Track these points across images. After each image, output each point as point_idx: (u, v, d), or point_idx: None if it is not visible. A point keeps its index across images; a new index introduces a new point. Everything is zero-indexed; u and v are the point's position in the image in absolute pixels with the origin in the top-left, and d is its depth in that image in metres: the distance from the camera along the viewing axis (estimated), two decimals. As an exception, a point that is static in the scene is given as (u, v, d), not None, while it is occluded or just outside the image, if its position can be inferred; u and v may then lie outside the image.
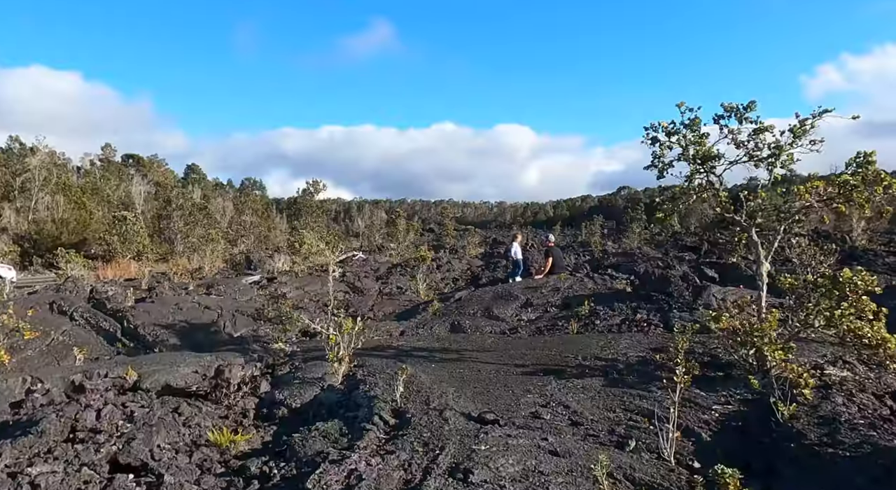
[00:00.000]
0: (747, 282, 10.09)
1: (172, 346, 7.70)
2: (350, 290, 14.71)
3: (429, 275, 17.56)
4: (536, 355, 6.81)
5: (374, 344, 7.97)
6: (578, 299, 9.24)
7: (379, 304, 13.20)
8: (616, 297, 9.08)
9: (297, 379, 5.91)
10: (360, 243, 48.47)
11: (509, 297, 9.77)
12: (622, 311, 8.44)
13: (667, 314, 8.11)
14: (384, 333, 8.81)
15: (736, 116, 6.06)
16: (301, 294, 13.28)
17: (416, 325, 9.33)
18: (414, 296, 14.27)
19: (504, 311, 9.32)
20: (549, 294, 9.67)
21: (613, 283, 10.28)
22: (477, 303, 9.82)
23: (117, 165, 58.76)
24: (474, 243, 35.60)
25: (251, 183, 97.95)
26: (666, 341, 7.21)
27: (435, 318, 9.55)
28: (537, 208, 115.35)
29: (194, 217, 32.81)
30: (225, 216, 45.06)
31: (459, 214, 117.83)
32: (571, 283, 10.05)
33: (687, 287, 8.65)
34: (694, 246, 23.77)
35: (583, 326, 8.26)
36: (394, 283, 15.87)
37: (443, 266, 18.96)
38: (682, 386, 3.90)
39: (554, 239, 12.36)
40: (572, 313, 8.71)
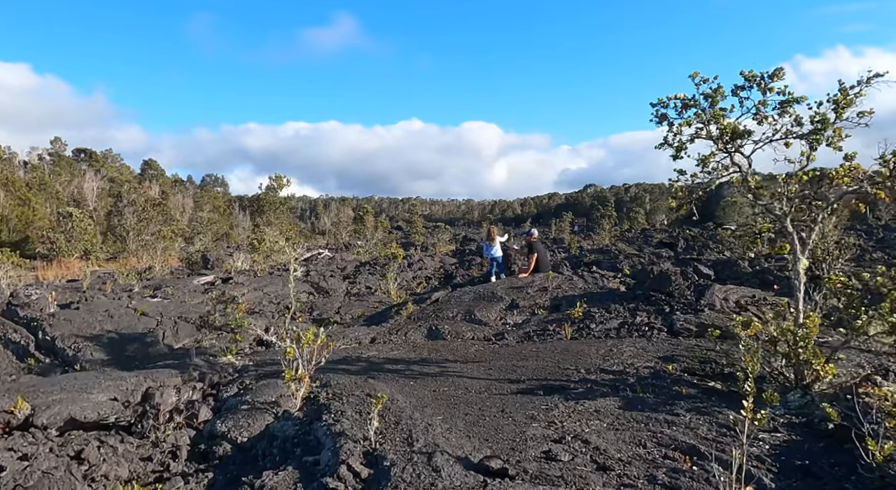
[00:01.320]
0: (745, 279, 9.41)
1: (97, 361, 6.45)
2: (315, 290, 13.53)
3: (400, 273, 16.50)
4: (531, 367, 5.87)
5: (341, 354, 6.90)
6: (569, 300, 8.36)
7: (346, 306, 12.08)
8: (610, 298, 8.22)
9: (245, 403, 4.81)
10: (326, 241, 47.10)
11: (492, 298, 8.81)
12: (619, 313, 7.59)
13: (669, 316, 7.28)
14: (352, 341, 7.74)
15: (759, 87, 5.22)
16: (259, 296, 12.04)
17: (389, 330, 8.28)
18: (384, 296, 13.20)
19: (487, 314, 8.36)
20: (536, 295, 8.75)
21: (605, 281, 9.45)
22: (456, 305, 8.83)
23: (68, 160, 55.69)
24: (445, 240, 34.65)
25: (213, 179, 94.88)
26: (674, 348, 6.38)
27: (410, 323, 8.52)
28: (505, 206, 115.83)
29: (148, 213, 30.90)
30: (185, 213, 42.97)
31: (428, 212, 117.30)
32: (560, 282, 9.16)
33: (688, 286, 7.86)
34: (670, 242, 23.36)
35: (577, 331, 7.37)
36: (362, 283, 14.75)
37: (414, 264, 17.90)
38: (749, 424, 2.96)
39: (537, 234, 11.43)
40: (564, 316, 7.81)
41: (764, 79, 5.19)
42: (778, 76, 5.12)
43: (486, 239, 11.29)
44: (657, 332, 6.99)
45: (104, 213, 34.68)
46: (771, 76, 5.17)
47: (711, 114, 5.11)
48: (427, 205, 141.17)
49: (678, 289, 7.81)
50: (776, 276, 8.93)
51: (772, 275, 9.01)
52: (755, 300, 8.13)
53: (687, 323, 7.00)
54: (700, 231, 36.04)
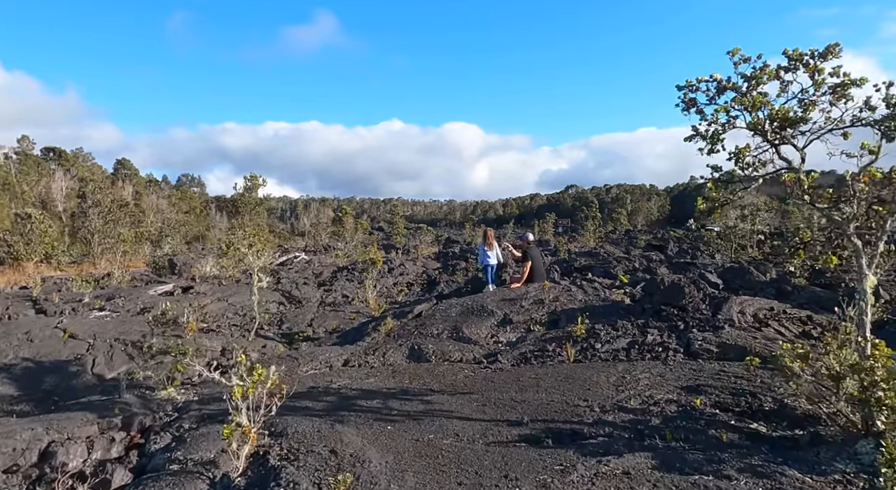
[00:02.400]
0: (760, 289, 8.58)
1: (3, 400, 5.31)
2: (286, 299, 12.43)
3: (380, 279, 15.46)
4: (532, 402, 4.91)
5: (307, 384, 5.87)
6: (569, 315, 7.43)
7: (320, 318, 11.02)
8: (615, 312, 7.31)
9: (176, 462, 3.76)
10: (304, 243, 45.75)
11: (482, 312, 7.84)
12: (627, 331, 6.67)
13: (684, 334, 6.39)
14: (322, 365, 6.70)
15: (807, 69, 4.33)
16: (223, 307, 10.91)
17: (366, 350, 7.26)
18: (362, 306, 12.16)
19: (477, 331, 7.39)
20: (531, 308, 7.81)
21: (608, 292, 8.54)
22: (442, 320, 7.84)
23: (36, 159, 53.45)
24: (427, 242, 33.66)
25: (189, 179, 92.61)
26: (696, 375, 5.47)
27: (389, 341, 7.51)
28: (487, 206, 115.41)
29: (114, 215, 29.34)
30: (159, 214, 41.28)
31: (409, 213, 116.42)
32: (557, 293, 8.23)
33: (703, 298, 6.98)
34: (659, 244, 22.67)
35: (580, 352, 6.43)
36: (339, 291, 13.69)
37: (395, 269, 16.87)
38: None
39: (532, 238, 10.51)
40: (564, 334, 6.87)
41: (814, 58, 4.30)
42: (832, 53, 4.23)
43: (483, 243, 10.23)
44: (673, 353, 6.08)
45: (72, 214, 33.03)
46: (822, 54, 4.28)
47: (753, 99, 4.20)
48: (409, 206, 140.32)
49: (692, 302, 6.93)
50: (794, 287, 8.11)
51: (789, 284, 8.19)
52: (775, 313, 7.29)
53: (706, 343, 6.12)
54: (685, 232, 35.65)
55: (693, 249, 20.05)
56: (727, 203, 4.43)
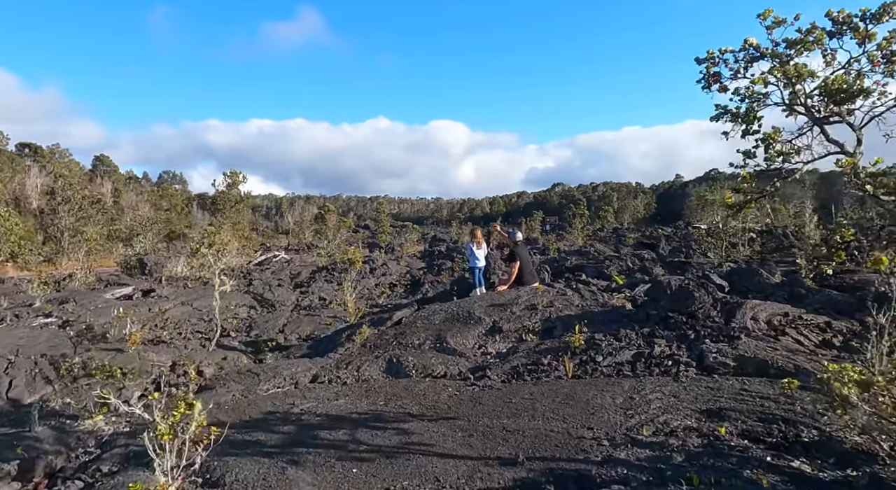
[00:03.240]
0: (770, 292, 7.91)
1: None
2: (257, 303, 11.56)
3: (360, 280, 14.63)
4: (528, 431, 4.14)
5: (265, 406, 5.05)
6: (565, 322, 6.68)
7: (294, 323, 10.18)
8: (617, 319, 6.58)
9: (78, 524, 2.93)
10: (287, 241, 44.71)
11: (469, 319, 7.06)
12: (632, 341, 5.94)
13: (696, 346, 5.67)
14: (287, 381, 5.88)
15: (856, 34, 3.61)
16: (186, 312, 10.02)
17: (338, 363, 6.46)
18: (340, 310, 11.33)
19: (463, 341, 6.61)
20: (522, 315, 7.05)
21: (606, 296, 7.81)
22: (424, 328, 7.05)
23: (10, 155, 51.68)
24: (412, 240, 32.85)
25: (171, 176, 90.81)
26: (714, 394, 4.75)
27: (364, 353, 6.71)
28: (474, 204, 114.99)
29: (85, 212, 28.14)
30: (130, 211, 39.94)
31: (396, 210, 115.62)
32: (551, 298, 7.48)
33: (714, 304, 6.27)
34: (650, 243, 22.09)
35: (580, 366, 5.69)
36: (315, 293, 12.84)
37: (377, 269, 16.04)
38: None
39: (521, 236, 9.47)
40: (561, 344, 6.12)
41: (864, 20, 3.58)
42: (889, 13, 3.51)
43: (471, 242, 9.38)
44: (684, 367, 5.36)
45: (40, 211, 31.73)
46: (875, 16, 3.56)
47: (796, 68, 3.47)
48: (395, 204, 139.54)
49: (702, 308, 6.22)
50: (808, 289, 7.44)
51: (802, 286, 7.52)
52: (791, 320, 6.61)
53: (722, 355, 5.40)
54: (673, 230, 35.21)
55: (686, 248, 19.48)
56: (762, 196, 3.69)
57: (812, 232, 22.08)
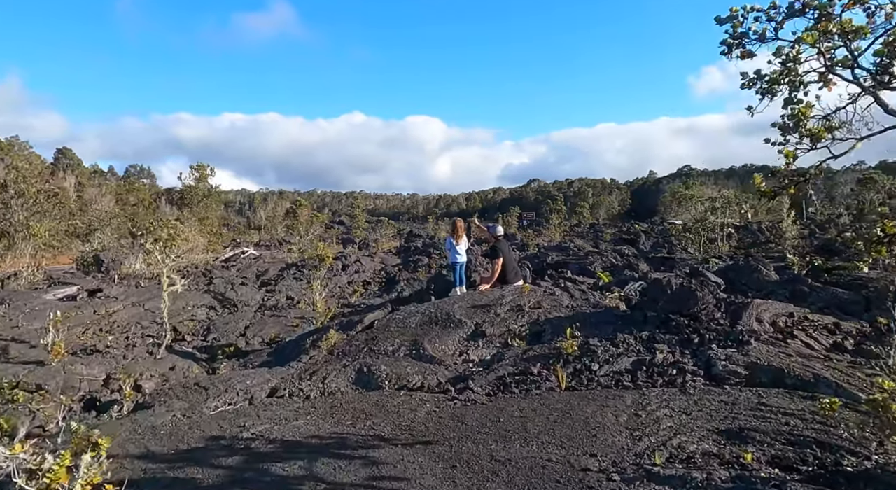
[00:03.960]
0: (771, 291, 7.42)
1: None
2: (218, 303, 10.69)
3: (332, 278, 13.83)
4: (520, 461, 3.49)
5: (210, 429, 4.29)
6: (555, 325, 6.06)
7: (257, 325, 9.38)
8: (611, 321, 5.98)
9: None
10: (259, 237, 43.56)
11: (448, 322, 6.38)
12: (630, 347, 5.34)
13: (702, 352, 5.10)
14: (241, 397, 5.12)
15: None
16: (136, 314, 9.13)
17: (301, 373, 5.72)
18: (309, 310, 10.55)
19: (442, 347, 5.94)
20: (508, 316, 6.40)
21: (596, 296, 7.21)
22: (398, 332, 6.35)
23: (-37, 147, 49.14)
24: (388, 236, 32.04)
25: (138, 170, 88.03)
26: (729, 410, 4.16)
27: (332, 361, 5.99)
28: (450, 200, 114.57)
29: (41, 206, 26.61)
30: (89, 205, 38.24)
31: (371, 206, 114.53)
32: (538, 298, 6.85)
33: (717, 305, 5.72)
34: (631, 238, 21.73)
35: (574, 376, 5.06)
36: (283, 292, 12.01)
37: (350, 266, 15.26)
38: None
39: (502, 230, 8.64)
40: (552, 351, 5.49)
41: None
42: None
43: (451, 236, 8.50)
44: (691, 377, 4.78)
45: (-4, 206, 29.97)
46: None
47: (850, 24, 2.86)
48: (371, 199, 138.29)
49: (705, 309, 5.65)
50: (812, 287, 6.96)
51: (805, 284, 7.04)
52: (797, 321, 6.10)
53: (732, 363, 4.83)
54: (650, 226, 35.11)
55: (668, 244, 19.14)
56: (804, 180, 3.09)
57: (789, 227, 21.99)
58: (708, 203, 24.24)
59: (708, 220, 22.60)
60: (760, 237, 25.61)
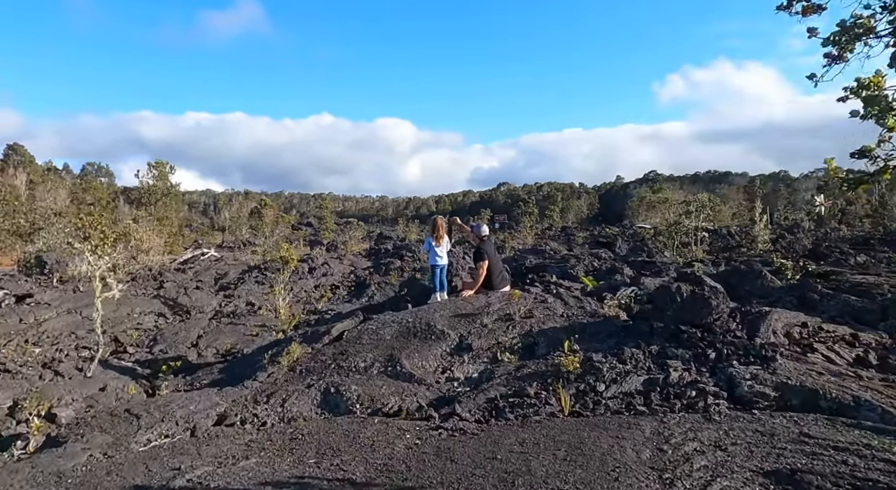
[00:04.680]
0: (777, 298, 6.89)
1: None
2: (169, 309, 9.66)
3: (297, 282, 12.90)
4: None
5: (134, 474, 3.42)
6: (550, 337, 5.35)
7: (211, 334, 8.43)
8: (613, 333, 5.30)
9: None
10: (221, 239, 42.14)
11: (429, 333, 5.61)
12: (639, 364, 4.67)
13: (721, 369, 4.47)
14: (180, 427, 4.24)
15: None
16: (73, 322, 8.07)
17: (256, 395, 4.87)
18: (271, 316, 9.64)
19: (422, 363, 5.17)
20: (496, 327, 5.67)
21: (592, 303, 6.52)
22: (371, 345, 5.54)
23: None
24: (357, 238, 31.01)
25: (95, 169, 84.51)
26: (770, 443, 3.51)
27: (293, 380, 5.15)
28: (420, 203, 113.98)
29: (-19, 204, 24.74)
30: (56, 205, 36.15)
31: (340, 208, 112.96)
32: (529, 305, 6.14)
33: (732, 314, 5.11)
34: (607, 241, 21.34)
35: (577, 397, 4.36)
36: (243, 297, 11.04)
37: (317, 269, 14.32)
38: None
39: (486, 231, 7.77)
40: (549, 367, 4.78)
41: None
42: None
43: (431, 236, 7.56)
44: (713, 400, 4.13)
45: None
46: None
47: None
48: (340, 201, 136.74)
49: (719, 319, 5.03)
50: (821, 294, 6.44)
51: (815, 291, 6.52)
52: (812, 332, 5.55)
53: (759, 383, 4.21)
54: (621, 230, 35.04)
55: (647, 247, 18.79)
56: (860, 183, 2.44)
57: (762, 231, 21.98)
58: (682, 206, 24.13)
59: (682, 223, 22.46)
60: (731, 241, 25.69)
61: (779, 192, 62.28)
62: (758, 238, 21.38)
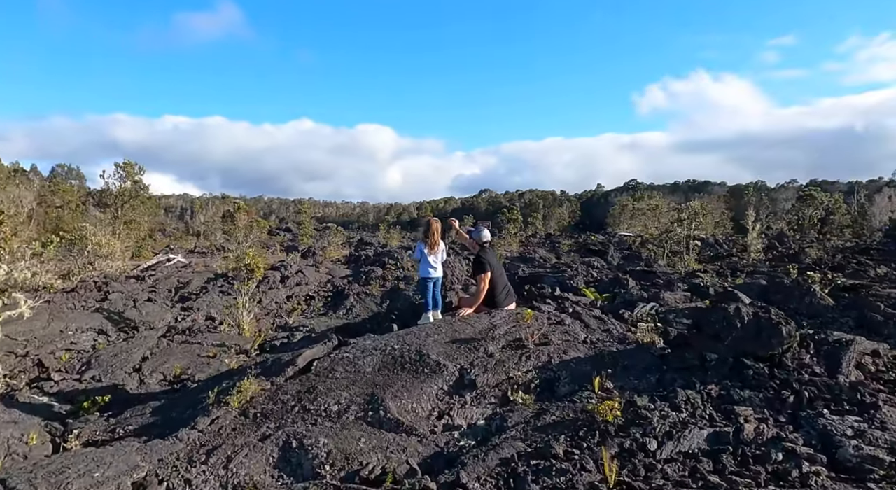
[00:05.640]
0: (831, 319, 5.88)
1: None
2: (114, 324, 8.35)
3: (268, 291, 11.65)
4: None
5: None
6: (574, 371, 4.23)
7: (159, 356, 7.15)
8: (653, 366, 4.21)
9: None
10: (194, 244, 40.59)
11: (421, 364, 4.44)
12: (696, 409, 3.59)
13: (806, 419, 3.41)
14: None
15: None
16: (-14, 343, 6.72)
17: (191, 452, 3.66)
18: (233, 333, 8.39)
19: (413, 405, 4.01)
20: (505, 357, 4.53)
21: (619, 326, 5.40)
22: (348, 380, 4.35)
23: None
24: (336, 244, 29.66)
25: (66, 170, 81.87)
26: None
27: (245, 428, 3.95)
28: (401, 209, 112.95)
29: (-72, 204, 22.90)
30: (22, 207, 34.09)
31: (321, 214, 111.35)
32: (543, 328, 5.02)
33: (804, 344, 4.06)
34: (599, 249, 20.41)
35: (623, 459, 3.25)
36: (204, 309, 9.75)
37: (291, 277, 13.05)
38: None
39: (489, 235, 6.47)
40: (578, 413, 3.66)
41: None
42: None
43: (423, 241, 6.21)
44: (809, 466, 3.05)
45: None
46: None
47: None
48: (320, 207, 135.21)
49: (790, 350, 3.98)
50: (885, 314, 5.44)
51: (877, 311, 5.53)
52: (890, 362, 4.53)
53: (867, 442, 3.15)
54: (606, 237, 34.31)
55: (641, 256, 17.90)
56: None
57: (754, 240, 21.29)
58: (674, 214, 23.36)
59: (675, 231, 21.71)
60: (720, 250, 25.04)
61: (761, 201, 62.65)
62: (750, 247, 20.72)
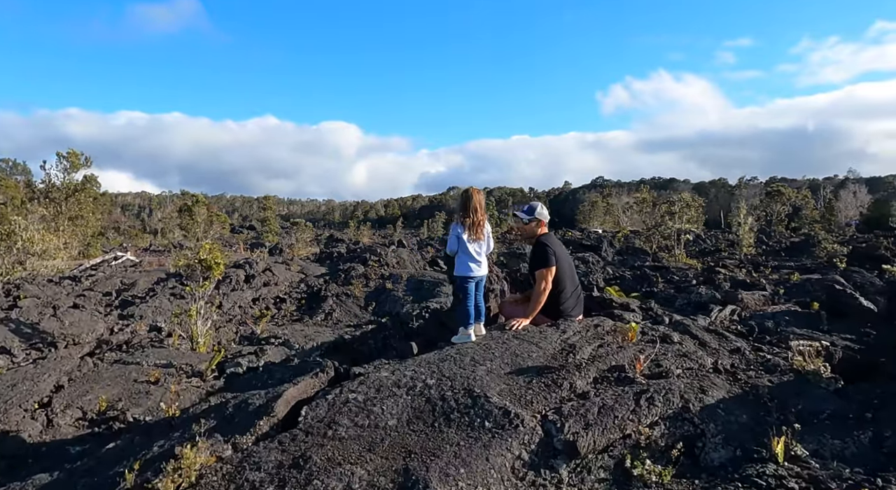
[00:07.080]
0: None
1: None
2: (23, 340, 6.41)
3: (230, 293, 9.80)
4: None
5: None
6: (724, 421, 2.65)
7: (79, 383, 5.32)
8: (839, 411, 2.69)
9: None
10: (149, 241, 38.08)
11: (475, 414, 2.75)
12: None
13: None
14: None
15: None
16: None
17: None
18: (182, 348, 6.58)
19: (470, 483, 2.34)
20: (610, 400, 2.90)
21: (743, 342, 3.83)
22: (361, 444, 2.67)
23: None
24: (305, 240, 27.63)
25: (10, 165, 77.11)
26: None
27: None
28: (368, 207, 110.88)
29: None
30: None
31: (286, 211, 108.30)
32: (648, 351, 3.39)
33: None
34: (592, 245, 19.14)
35: None
36: (148, 317, 7.86)
37: (257, 276, 11.18)
38: None
39: (547, 214, 4.63)
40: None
41: None
42: None
43: (459, 223, 4.26)
44: None
45: None
46: None
47: None
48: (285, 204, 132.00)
49: None
50: None
51: None
52: None
53: None
54: (584, 233, 33.33)
55: (648, 252, 16.68)
56: None
57: (746, 235, 20.43)
58: (665, 207, 22.32)
59: (666, 225, 20.72)
60: (707, 244, 24.21)
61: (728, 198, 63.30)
62: (742, 241, 19.85)
